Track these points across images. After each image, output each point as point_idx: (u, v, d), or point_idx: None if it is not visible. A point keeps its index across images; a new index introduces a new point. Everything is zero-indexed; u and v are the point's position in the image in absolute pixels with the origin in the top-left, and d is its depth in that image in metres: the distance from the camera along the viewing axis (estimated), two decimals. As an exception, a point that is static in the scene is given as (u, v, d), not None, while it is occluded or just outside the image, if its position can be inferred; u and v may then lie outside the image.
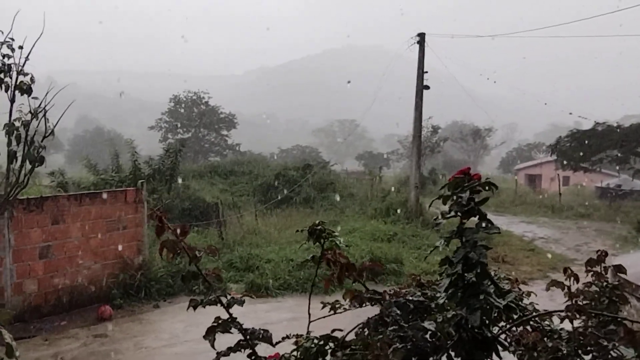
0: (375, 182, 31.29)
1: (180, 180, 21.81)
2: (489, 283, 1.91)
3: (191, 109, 57.35)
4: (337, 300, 2.82)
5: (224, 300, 2.42)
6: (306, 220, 20.51)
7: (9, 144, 8.66)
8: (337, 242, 2.91)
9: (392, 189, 27.84)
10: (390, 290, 2.86)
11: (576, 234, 22.76)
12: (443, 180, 42.37)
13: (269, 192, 26.45)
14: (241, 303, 2.48)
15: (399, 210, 21.90)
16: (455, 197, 2.11)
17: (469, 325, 1.84)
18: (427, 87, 22.92)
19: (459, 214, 2.06)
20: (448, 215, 2.06)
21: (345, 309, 2.75)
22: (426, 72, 23.05)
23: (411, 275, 3.55)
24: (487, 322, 1.89)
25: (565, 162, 33.43)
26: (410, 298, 2.39)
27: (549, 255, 17.27)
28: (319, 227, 2.92)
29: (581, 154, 31.53)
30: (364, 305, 2.41)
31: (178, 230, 2.47)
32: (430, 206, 2.59)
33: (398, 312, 2.25)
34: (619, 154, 31.01)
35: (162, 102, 63.30)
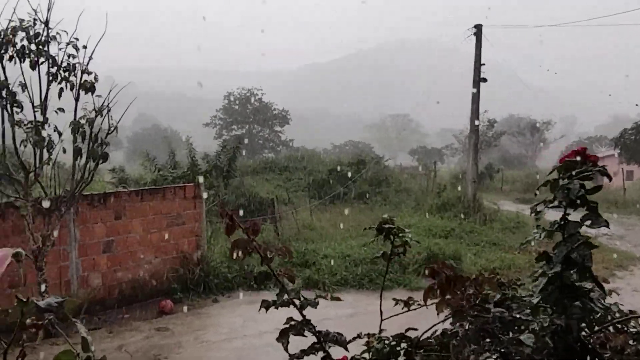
0: (430, 177, 30.87)
1: (236, 176, 22.08)
2: (591, 285, 1.76)
3: (245, 105, 58.04)
4: (410, 297, 2.71)
5: (297, 302, 2.35)
6: (361, 216, 20.39)
7: (74, 141, 8.91)
8: (407, 240, 2.81)
9: (448, 184, 27.41)
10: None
11: (642, 231, 21.84)
12: (500, 175, 41.54)
13: (323, 187, 26.45)
14: (315, 305, 2.41)
15: (455, 206, 21.53)
16: (564, 183, 1.82)
17: (570, 333, 1.69)
18: (485, 80, 22.43)
19: (563, 203, 1.80)
20: (551, 205, 1.82)
21: (420, 305, 2.60)
22: (483, 64, 22.55)
23: (482, 273, 3.40)
24: (585, 328, 1.74)
25: (629, 156, 32.18)
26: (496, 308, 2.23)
27: (615, 255, 16.62)
28: (388, 224, 2.82)
29: (647, 147, 30.31)
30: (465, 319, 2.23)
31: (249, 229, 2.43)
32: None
33: (499, 325, 2.10)
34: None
35: (218, 100, 64.27)
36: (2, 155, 9.51)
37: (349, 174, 26.68)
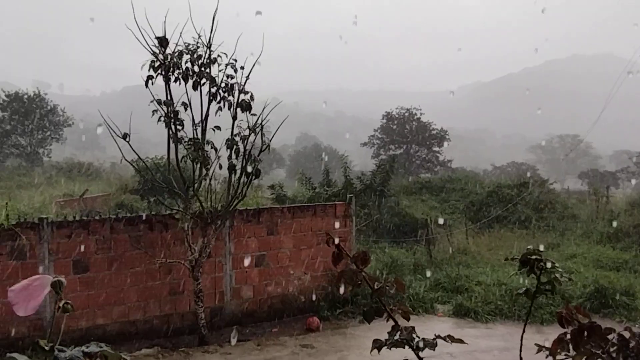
0: (602, 203, 28.27)
1: (391, 196, 21.88)
2: None
3: (403, 125, 57.81)
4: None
5: (413, 342, 2.07)
6: (521, 242, 19.14)
7: (229, 157, 9.26)
8: (557, 276, 2.38)
9: (622, 211, 24.88)
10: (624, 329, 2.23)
11: None
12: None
13: (481, 210, 25.33)
14: (433, 346, 2.11)
15: (631, 235, 19.42)
16: None
17: None
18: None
19: None
20: None
21: (567, 355, 2.18)
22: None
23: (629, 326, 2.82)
24: None
25: None
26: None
27: None
28: (533, 256, 2.42)
29: None
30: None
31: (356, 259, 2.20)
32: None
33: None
34: None
35: (376, 119, 64.77)
36: (167, 169, 10.19)
37: (510, 197, 25.31)
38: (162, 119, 9.06)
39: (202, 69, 9.18)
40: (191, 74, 9.15)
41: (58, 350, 1.17)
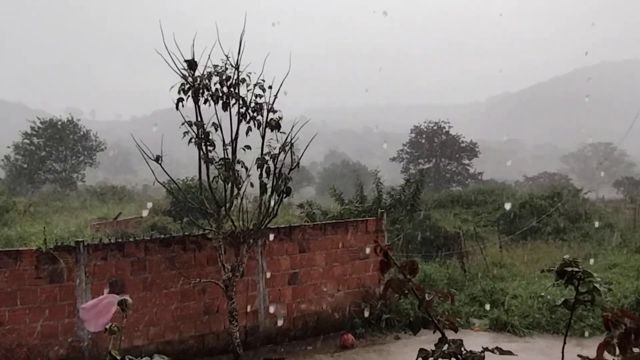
0: (639, 211, 27.66)
1: (421, 210, 21.73)
2: None
3: (432, 139, 57.59)
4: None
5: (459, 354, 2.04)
6: (556, 253, 18.78)
7: (260, 176, 9.32)
8: (596, 286, 2.34)
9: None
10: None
11: None
12: None
13: (514, 222, 25.00)
14: (481, 359, 2.08)
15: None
16: None
17: None
18: None
19: None
20: None
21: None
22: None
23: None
24: None
25: None
26: None
27: None
28: (571, 267, 2.38)
29: None
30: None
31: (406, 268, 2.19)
32: None
33: None
34: None
35: (405, 134, 64.64)
36: (199, 190, 10.30)
37: (543, 208, 24.93)
38: (193, 140, 9.18)
39: (231, 89, 9.29)
40: (220, 94, 9.27)
41: (129, 359, 1.19)
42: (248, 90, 9.40)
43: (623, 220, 26.21)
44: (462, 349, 1.96)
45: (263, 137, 9.60)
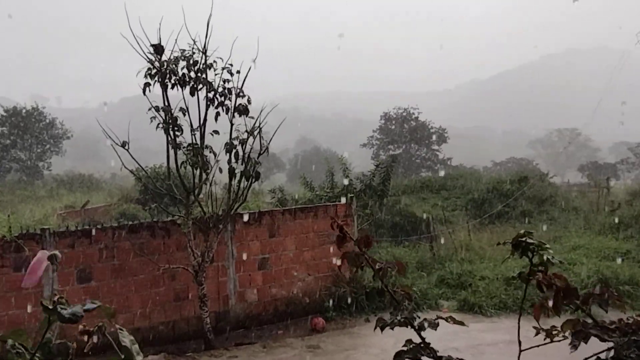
0: (602, 195, 28.30)
1: (392, 196, 21.90)
2: None
3: (401, 125, 57.93)
4: (553, 326, 2.32)
5: (415, 322, 2.10)
6: (523, 236, 19.10)
7: (229, 161, 9.30)
8: (549, 257, 2.42)
9: (623, 201, 24.89)
10: (628, 319, 2.27)
11: None
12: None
13: (482, 206, 25.36)
14: (435, 326, 2.14)
15: (632, 226, 19.45)
16: None
17: None
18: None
19: None
20: None
21: (564, 337, 2.23)
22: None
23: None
24: None
25: None
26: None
27: None
28: (524, 239, 2.45)
29: None
30: (587, 341, 1.88)
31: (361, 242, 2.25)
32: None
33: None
34: None
35: (375, 120, 64.92)
36: (167, 176, 10.23)
37: (510, 192, 25.34)
38: (161, 125, 9.11)
39: (199, 74, 9.23)
40: (188, 79, 9.20)
41: (61, 307, 1.21)
42: (216, 75, 9.35)
43: (587, 203, 26.80)
44: (416, 315, 2.01)
45: (231, 122, 9.58)
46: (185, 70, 9.16)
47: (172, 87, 9.15)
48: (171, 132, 9.13)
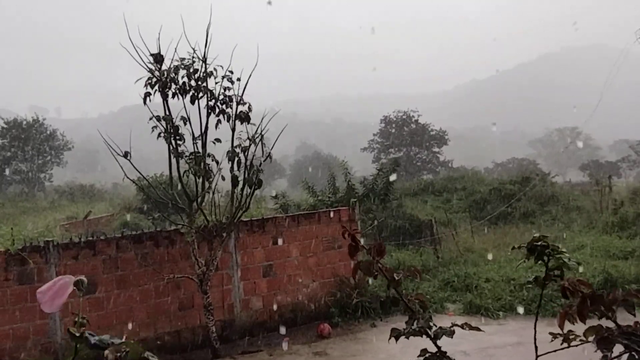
0: (605, 193, 28.24)
1: (394, 199, 21.85)
2: None
3: (401, 128, 57.90)
4: (570, 331, 2.28)
5: (430, 331, 2.07)
6: (526, 237, 19.02)
7: (232, 169, 9.28)
8: (565, 261, 2.40)
9: (626, 199, 24.83)
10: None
11: None
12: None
13: (485, 207, 25.34)
14: (451, 334, 2.11)
15: (636, 224, 19.39)
16: None
17: None
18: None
19: None
20: None
21: (582, 341, 2.19)
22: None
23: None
24: None
25: None
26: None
27: None
28: (540, 243, 2.43)
29: None
30: (613, 348, 1.83)
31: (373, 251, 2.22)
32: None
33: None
34: None
35: (375, 124, 64.88)
36: (169, 185, 10.21)
37: (513, 193, 25.31)
38: (162, 134, 9.09)
39: (199, 82, 9.21)
40: (188, 88, 9.19)
41: (89, 334, 1.19)
42: (216, 83, 9.34)
43: (590, 202, 26.75)
44: (432, 324, 1.98)
45: (233, 129, 9.56)
46: (185, 79, 9.14)
47: (173, 96, 9.14)
48: (173, 141, 9.10)
